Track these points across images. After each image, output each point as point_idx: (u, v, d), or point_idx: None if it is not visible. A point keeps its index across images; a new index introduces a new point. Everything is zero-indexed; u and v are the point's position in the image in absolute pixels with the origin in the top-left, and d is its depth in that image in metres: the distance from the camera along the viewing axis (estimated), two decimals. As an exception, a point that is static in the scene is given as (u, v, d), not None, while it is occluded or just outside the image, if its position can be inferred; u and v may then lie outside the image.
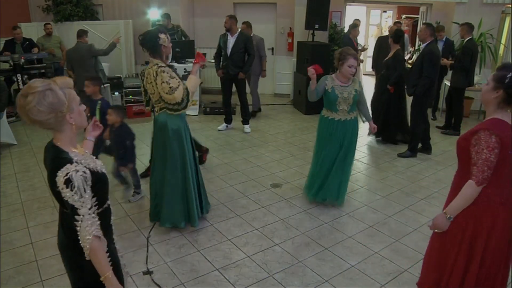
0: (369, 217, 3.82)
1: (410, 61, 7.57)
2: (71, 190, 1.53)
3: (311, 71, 3.60)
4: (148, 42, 3.16)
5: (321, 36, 7.63)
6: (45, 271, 2.96)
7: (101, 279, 1.60)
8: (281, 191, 4.33)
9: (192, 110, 7.11)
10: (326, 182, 3.89)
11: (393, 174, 4.84)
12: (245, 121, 6.47)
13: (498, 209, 2.04)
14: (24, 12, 8.50)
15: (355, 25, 7.20)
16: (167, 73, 3.12)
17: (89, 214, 1.56)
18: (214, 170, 4.85)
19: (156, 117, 3.36)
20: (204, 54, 8.08)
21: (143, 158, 4.98)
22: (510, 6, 7.23)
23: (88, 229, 1.54)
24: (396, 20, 9.78)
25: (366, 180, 4.67)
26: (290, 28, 8.32)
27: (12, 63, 6.57)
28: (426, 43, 5.12)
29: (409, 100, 5.42)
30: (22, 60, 6.68)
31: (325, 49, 7.29)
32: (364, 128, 5.68)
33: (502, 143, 1.93)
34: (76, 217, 1.54)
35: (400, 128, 5.86)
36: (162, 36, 3.14)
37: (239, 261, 3.12)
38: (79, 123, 1.67)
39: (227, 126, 6.50)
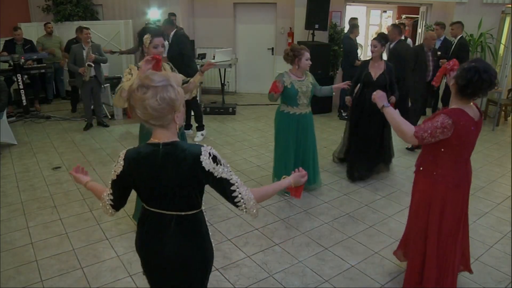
0: (369, 217, 3.82)
1: None
2: (221, 164, 1.60)
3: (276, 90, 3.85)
4: (138, 37, 3.31)
5: (321, 36, 7.63)
6: (45, 271, 2.96)
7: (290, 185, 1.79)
8: (281, 191, 4.32)
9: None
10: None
11: (393, 174, 4.83)
12: (197, 127, 5.96)
13: (452, 189, 2.39)
14: (24, 12, 8.51)
15: (356, 25, 7.18)
16: (129, 72, 3.28)
17: (238, 178, 1.65)
18: (214, 170, 4.84)
19: None
20: (204, 54, 8.06)
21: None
22: (510, 6, 7.23)
23: (246, 191, 1.64)
24: (400, 22, 9.74)
25: (366, 180, 4.67)
26: (290, 28, 8.31)
27: (12, 63, 6.57)
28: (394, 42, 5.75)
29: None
30: (22, 60, 6.68)
31: (325, 49, 7.30)
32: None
33: (456, 130, 2.22)
34: (232, 187, 1.63)
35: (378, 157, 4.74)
36: (145, 36, 3.19)
37: (239, 261, 3.12)
38: (180, 122, 1.64)
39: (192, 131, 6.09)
